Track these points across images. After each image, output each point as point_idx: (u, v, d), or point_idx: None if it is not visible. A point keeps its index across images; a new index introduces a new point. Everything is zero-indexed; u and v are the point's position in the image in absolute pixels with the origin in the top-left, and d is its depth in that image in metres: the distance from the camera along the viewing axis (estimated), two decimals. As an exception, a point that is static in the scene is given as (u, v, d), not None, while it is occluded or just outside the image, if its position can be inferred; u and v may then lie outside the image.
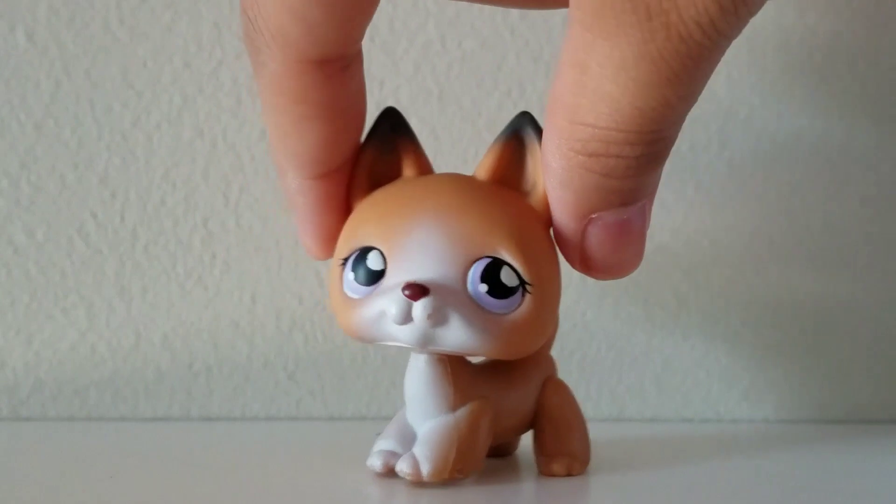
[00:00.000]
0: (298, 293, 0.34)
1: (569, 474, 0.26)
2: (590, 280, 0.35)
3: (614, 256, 0.23)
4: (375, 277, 0.23)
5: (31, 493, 0.24)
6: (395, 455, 0.24)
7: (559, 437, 0.26)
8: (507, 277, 0.23)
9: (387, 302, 0.23)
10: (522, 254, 0.23)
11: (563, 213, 0.23)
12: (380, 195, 0.25)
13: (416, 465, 0.24)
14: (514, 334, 0.23)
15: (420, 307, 0.22)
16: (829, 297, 0.35)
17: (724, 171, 0.35)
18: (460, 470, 0.24)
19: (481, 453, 0.25)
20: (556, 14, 0.34)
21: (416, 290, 0.22)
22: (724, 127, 0.35)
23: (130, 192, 0.34)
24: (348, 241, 0.24)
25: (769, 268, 0.35)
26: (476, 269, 0.23)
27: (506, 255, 0.23)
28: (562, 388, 0.27)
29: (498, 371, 0.26)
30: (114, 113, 0.34)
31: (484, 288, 0.23)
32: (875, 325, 0.36)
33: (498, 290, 0.23)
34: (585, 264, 0.24)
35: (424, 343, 0.23)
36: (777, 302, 0.35)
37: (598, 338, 0.35)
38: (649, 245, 0.35)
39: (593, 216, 0.22)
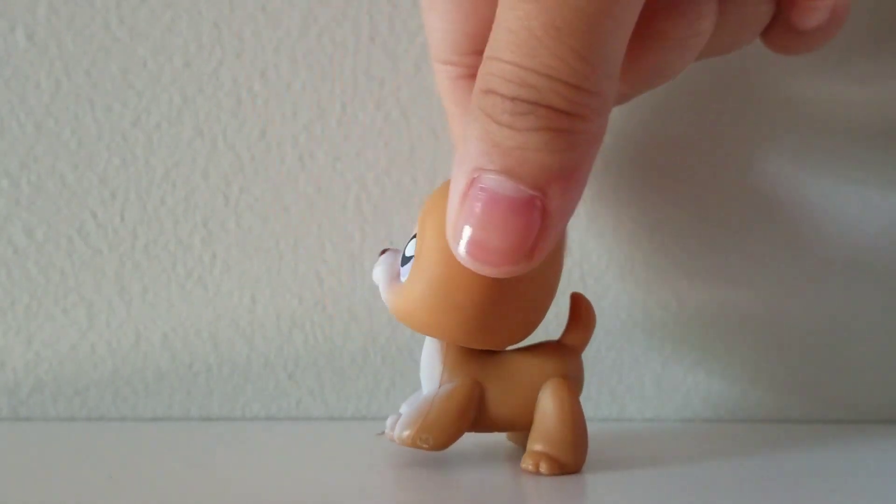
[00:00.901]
0: (298, 293, 0.34)
1: (537, 472, 0.26)
2: (589, 280, 0.35)
3: (483, 234, 0.21)
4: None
5: (32, 493, 0.24)
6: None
7: (539, 435, 0.27)
8: (410, 247, 0.26)
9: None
10: (428, 223, 0.25)
11: (454, 167, 0.22)
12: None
13: (395, 426, 0.26)
14: (393, 296, 0.26)
15: (374, 270, 0.27)
16: (829, 297, 0.35)
17: (725, 170, 0.35)
18: (425, 440, 0.25)
19: (452, 429, 0.26)
20: (556, 14, 0.34)
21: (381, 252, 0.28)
22: (724, 127, 0.35)
23: (130, 192, 0.34)
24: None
25: (769, 268, 0.35)
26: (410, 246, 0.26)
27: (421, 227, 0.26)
28: (559, 388, 0.27)
29: (496, 359, 0.27)
30: (114, 113, 0.34)
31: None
32: (875, 325, 0.36)
33: (405, 259, 0.26)
34: (456, 233, 0.22)
35: (390, 305, 0.27)
36: (776, 302, 0.35)
37: (598, 338, 0.35)
38: (649, 245, 0.35)
39: (475, 175, 0.21)
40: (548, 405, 0.27)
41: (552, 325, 0.29)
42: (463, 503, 0.23)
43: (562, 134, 0.21)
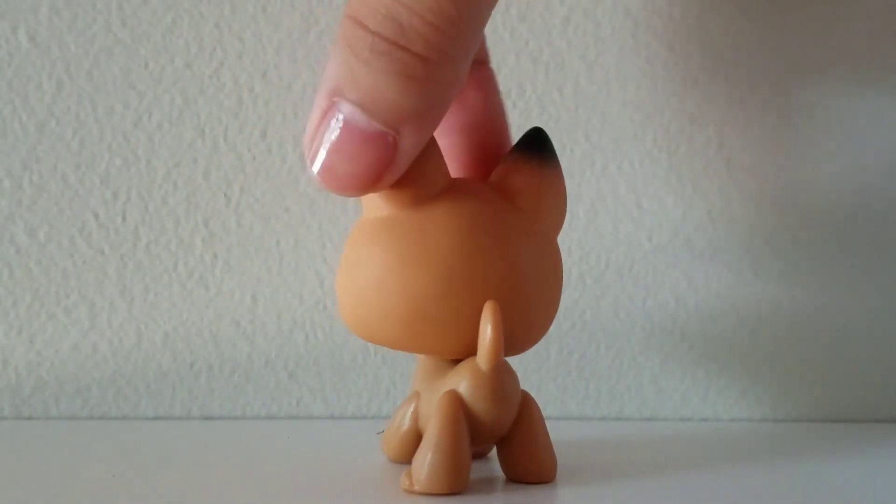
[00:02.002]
0: (299, 293, 0.34)
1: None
2: (589, 280, 0.35)
3: (335, 158, 0.22)
4: None
5: (33, 493, 0.24)
6: None
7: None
8: None
9: None
10: None
11: (319, 85, 0.22)
12: None
13: None
14: None
15: None
16: (828, 297, 0.36)
17: (724, 171, 0.35)
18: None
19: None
20: (556, 14, 0.34)
21: None
22: (724, 127, 0.35)
23: (132, 193, 0.34)
24: None
25: (768, 268, 0.35)
26: None
27: None
28: (441, 402, 0.24)
29: (438, 368, 0.26)
30: (115, 113, 0.34)
31: None
32: (874, 325, 0.36)
33: None
34: (310, 151, 0.23)
35: None
36: (776, 302, 0.35)
37: (597, 337, 0.35)
38: (649, 244, 0.35)
39: (335, 99, 0.22)
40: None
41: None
42: (463, 502, 0.23)
43: (416, 81, 0.21)
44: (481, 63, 0.28)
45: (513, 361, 0.25)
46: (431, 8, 0.21)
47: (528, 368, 0.35)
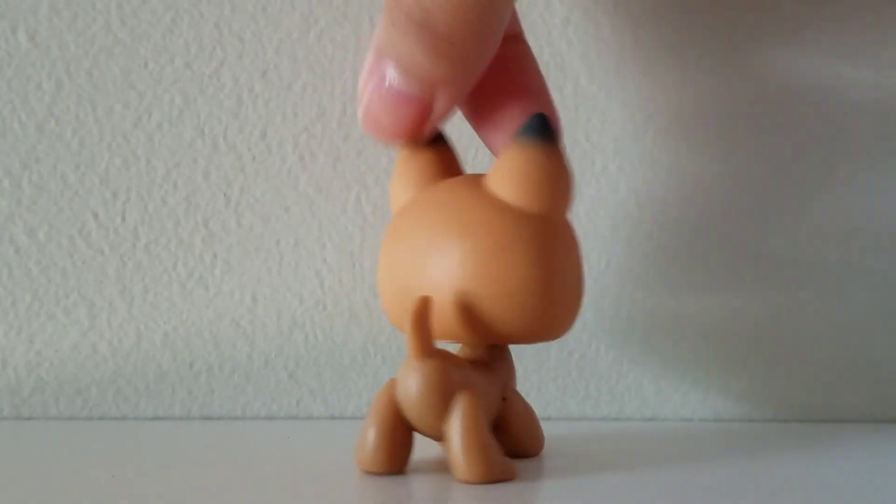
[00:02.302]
0: (299, 293, 0.34)
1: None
2: (589, 280, 0.35)
3: (377, 109, 0.26)
4: None
5: (33, 493, 0.24)
6: None
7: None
8: None
9: None
10: None
11: (371, 42, 0.26)
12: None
13: None
14: None
15: None
16: (829, 298, 0.35)
17: (724, 170, 0.35)
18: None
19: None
20: (556, 14, 0.34)
21: None
22: (724, 127, 0.35)
23: (132, 193, 0.34)
24: None
25: (769, 268, 0.35)
26: None
27: None
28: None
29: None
30: (115, 113, 0.34)
31: None
32: (874, 325, 0.36)
33: None
34: (361, 97, 0.26)
35: None
36: (777, 303, 0.35)
37: (597, 337, 0.35)
38: (649, 244, 0.35)
39: (383, 58, 0.25)
40: None
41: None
42: (464, 502, 0.23)
43: (444, 57, 0.25)
44: (515, 38, 0.29)
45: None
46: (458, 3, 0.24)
47: (528, 368, 0.35)
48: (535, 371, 0.35)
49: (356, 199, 0.34)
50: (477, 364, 0.26)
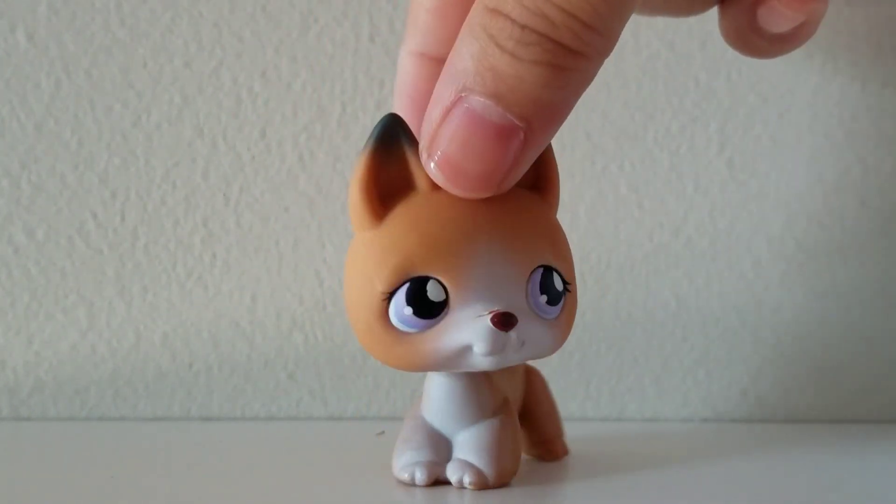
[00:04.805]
0: (299, 293, 0.34)
1: (565, 453, 0.28)
2: (590, 280, 0.35)
3: (460, 154, 0.21)
4: (436, 309, 0.22)
5: (32, 494, 0.24)
6: (436, 465, 0.24)
7: (552, 421, 0.28)
8: (557, 282, 0.23)
9: (474, 336, 0.22)
10: (560, 255, 0.23)
11: (441, 79, 0.22)
12: (410, 216, 0.23)
13: (477, 472, 0.24)
14: (562, 335, 0.24)
15: (514, 337, 0.22)
16: (828, 298, 0.35)
17: (724, 171, 0.35)
18: (515, 471, 0.25)
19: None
20: (556, 14, 0.34)
21: (508, 321, 0.22)
22: (725, 127, 0.35)
23: (131, 192, 0.34)
24: (394, 271, 0.22)
25: (769, 268, 0.35)
26: (534, 283, 0.23)
27: (551, 261, 0.23)
28: (537, 373, 0.28)
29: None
30: (114, 113, 0.34)
31: (544, 298, 0.23)
32: (874, 325, 0.36)
33: (553, 297, 0.23)
34: (431, 148, 0.22)
35: (500, 364, 0.23)
36: (776, 302, 0.35)
37: (598, 338, 0.35)
38: (650, 244, 0.35)
39: (463, 94, 0.21)
40: (540, 391, 0.28)
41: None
42: (464, 502, 0.23)
43: (563, 71, 0.21)
44: None
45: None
46: (582, 7, 0.21)
47: (529, 369, 0.35)
48: (536, 371, 0.35)
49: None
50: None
